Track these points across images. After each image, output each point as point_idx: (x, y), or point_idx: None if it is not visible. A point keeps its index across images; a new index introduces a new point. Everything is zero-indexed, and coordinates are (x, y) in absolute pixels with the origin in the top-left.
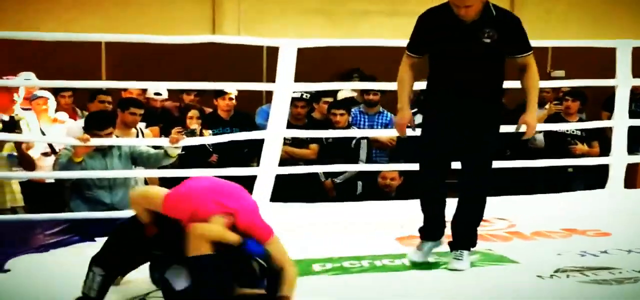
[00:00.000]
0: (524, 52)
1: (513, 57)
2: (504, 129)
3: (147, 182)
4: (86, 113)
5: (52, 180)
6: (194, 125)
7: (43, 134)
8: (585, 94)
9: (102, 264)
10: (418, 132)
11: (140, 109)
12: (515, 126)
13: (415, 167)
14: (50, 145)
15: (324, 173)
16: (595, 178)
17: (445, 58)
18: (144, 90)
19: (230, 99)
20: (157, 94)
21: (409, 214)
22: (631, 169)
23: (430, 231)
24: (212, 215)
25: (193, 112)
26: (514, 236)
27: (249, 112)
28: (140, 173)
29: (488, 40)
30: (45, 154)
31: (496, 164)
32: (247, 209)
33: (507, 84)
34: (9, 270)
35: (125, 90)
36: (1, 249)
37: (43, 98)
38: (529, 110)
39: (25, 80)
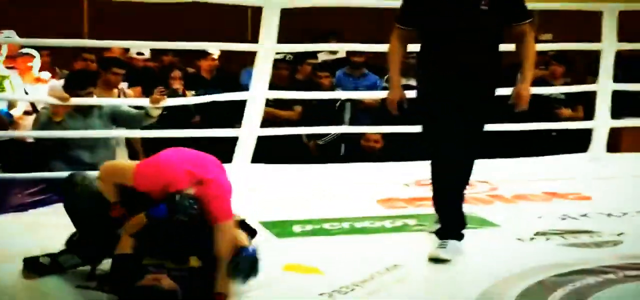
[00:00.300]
0: (522, 20)
1: (509, 25)
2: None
3: (128, 142)
4: (66, 72)
5: (32, 140)
6: (177, 85)
7: (26, 93)
8: (570, 59)
9: (78, 253)
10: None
11: (123, 68)
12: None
13: (398, 129)
14: (33, 104)
15: (307, 135)
16: (578, 142)
17: (438, 30)
18: (127, 50)
19: (213, 59)
20: (139, 53)
21: (393, 176)
22: (614, 133)
23: (451, 228)
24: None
25: (176, 73)
26: (495, 199)
27: (232, 72)
28: (121, 133)
29: (485, 8)
30: (27, 113)
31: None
32: (220, 183)
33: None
34: None
35: (107, 49)
36: None
37: (28, 56)
38: (523, 82)
39: (5, 38)
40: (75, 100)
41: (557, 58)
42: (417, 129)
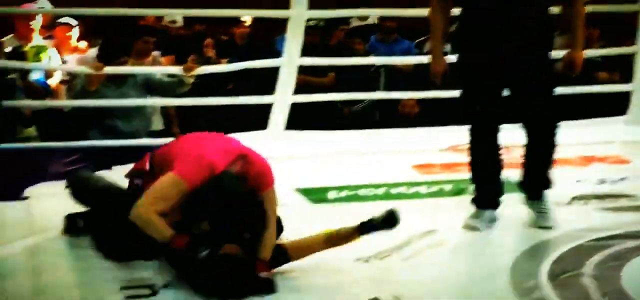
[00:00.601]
0: None
1: None
2: None
3: (163, 110)
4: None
5: (69, 109)
6: (209, 53)
7: (64, 62)
8: (605, 21)
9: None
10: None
11: (153, 36)
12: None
13: (433, 94)
14: (70, 74)
15: (341, 101)
16: (616, 106)
17: None
18: (160, 19)
19: (245, 26)
20: (172, 21)
21: (427, 142)
22: None
23: (488, 196)
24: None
25: (208, 40)
26: None
27: (266, 40)
28: (155, 101)
29: None
30: (64, 83)
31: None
32: (257, 154)
33: None
34: (27, 198)
35: (141, 18)
36: (19, 178)
37: (67, 25)
38: (575, 47)
39: (39, 8)
40: (109, 69)
41: (592, 21)
42: (452, 93)
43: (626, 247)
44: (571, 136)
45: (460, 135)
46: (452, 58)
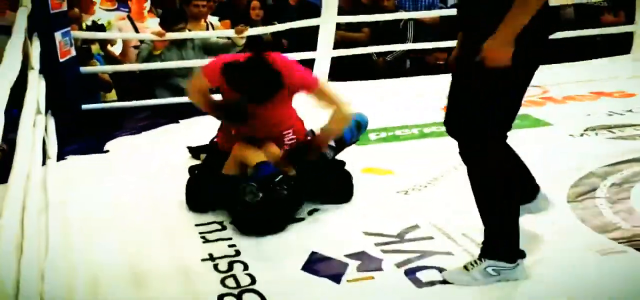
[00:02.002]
0: None
1: None
2: None
3: None
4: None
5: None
6: (254, 15)
7: (136, 30)
8: None
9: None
10: None
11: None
12: None
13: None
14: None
15: (376, 53)
16: (621, 45)
17: None
18: None
19: None
20: None
21: None
22: None
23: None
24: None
25: (255, 3)
26: (547, 101)
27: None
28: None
29: None
30: (136, 47)
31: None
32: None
33: None
34: (108, 151)
35: None
36: (101, 133)
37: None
38: (495, 35)
39: None
40: (171, 35)
41: None
42: None
43: (634, 171)
44: (581, 74)
45: None
46: None
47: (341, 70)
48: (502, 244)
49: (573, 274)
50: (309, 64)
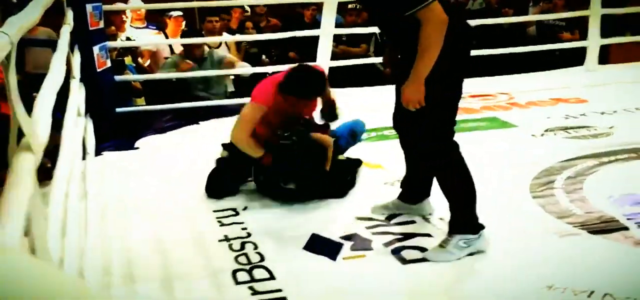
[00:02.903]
0: (409, 9)
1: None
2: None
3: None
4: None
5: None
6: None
7: (171, 48)
8: None
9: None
10: None
11: (215, 16)
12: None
13: None
14: (171, 50)
15: (381, 63)
16: (577, 57)
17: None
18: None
19: (314, 9)
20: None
21: None
22: (604, 49)
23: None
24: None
25: (248, 23)
26: (513, 106)
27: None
28: (227, 72)
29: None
30: (167, 58)
31: (501, 51)
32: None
33: None
34: (138, 148)
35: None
36: (133, 132)
37: (180, 17)
38: (408, 81)
39: (133, 4)
40: (193, 65)
41: None
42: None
43: (587, 165)
44: (542, 83)
45: (471, 86)
46: None
47: (343, 78)
48: (467, 220)
49: (537, 252)
50: None
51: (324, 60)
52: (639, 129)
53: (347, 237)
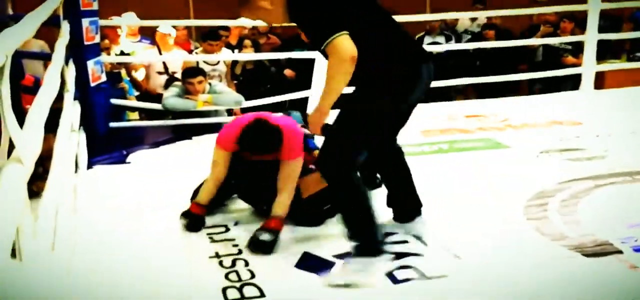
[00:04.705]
0: (318, 47)
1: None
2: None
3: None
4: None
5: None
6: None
7: (165, 67)
8: (576, 16)
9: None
10: None
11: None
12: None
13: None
14: (165, 66)
15: None
16: (574, 82)
17: None
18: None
19: None
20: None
21: (431, 113)
22: (600, 73)
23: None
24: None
25: (246, 41)
26: (507, 127)
27: None
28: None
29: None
30: (160, 73)
31: (506, 77)
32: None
33: None
34: (130, 162)
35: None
36: (125, 147)
37: (168, 34)
38: (315, 108)
39: (128, 19)
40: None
41: (567, 16)
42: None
43: (581, 188)
44: (539, 106)
45: (453, 108)
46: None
47: (341, 96)
48: (367, 242)
49: (531, 275)
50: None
51: (320, 79)
52: (633, 152)
53: (339, 256)
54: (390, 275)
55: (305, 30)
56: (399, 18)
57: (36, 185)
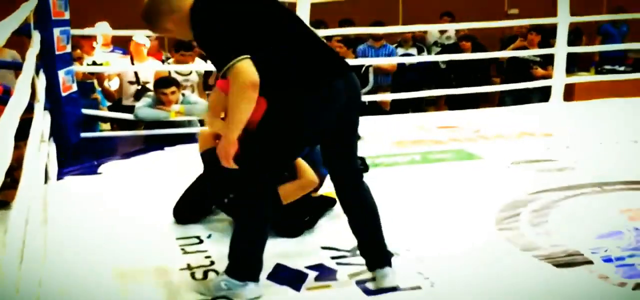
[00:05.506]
0: (218, 68)
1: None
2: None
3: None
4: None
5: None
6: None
7: (136, 76)
8: (545, 28)
9: None
10: None
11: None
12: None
13: (407, 95)
14: (136, 76)
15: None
16: (543, 94)
17: None
18: None
19: None
20: None
21: (402, 124)
22: (569, 85)
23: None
24: None
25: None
26: (480, 138)
27: None
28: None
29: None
30: (131, 83)
31: (478, 89)
32: None
33: None
34: (101, 173)
35: None
36: (96, 158)
37: (143, 44)
38: (223, 137)
39: (101, 29)
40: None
41: (535, 29)
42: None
43: (552, 198)
44: (510, 117)
45: (426, 119)
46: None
47: None
48: (238, 266)
49: (502, 285)
50: None
51: None
52: (602, 163)
53: (312, 267)
54: (363, 287)
55: (207, 53)
56: (370, 30)
57: (4, 194)
